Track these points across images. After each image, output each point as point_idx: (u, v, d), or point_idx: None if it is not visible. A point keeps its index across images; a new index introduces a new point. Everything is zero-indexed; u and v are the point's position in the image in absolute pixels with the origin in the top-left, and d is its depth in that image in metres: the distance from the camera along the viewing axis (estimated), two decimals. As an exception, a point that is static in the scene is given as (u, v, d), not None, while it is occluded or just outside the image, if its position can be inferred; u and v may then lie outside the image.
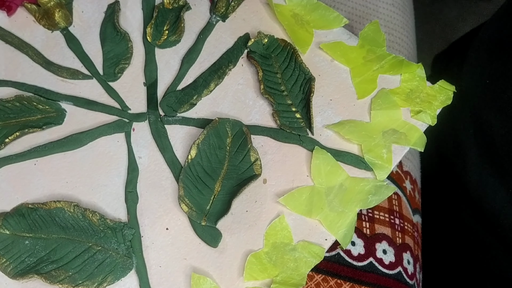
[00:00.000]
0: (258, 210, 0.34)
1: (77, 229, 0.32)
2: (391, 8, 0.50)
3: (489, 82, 0.45)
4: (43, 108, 0.36)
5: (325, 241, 0.34)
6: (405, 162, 0.45)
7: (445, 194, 0.54)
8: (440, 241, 0.57)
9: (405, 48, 0.50)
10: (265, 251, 0.33)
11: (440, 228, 0.56)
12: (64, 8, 0.39)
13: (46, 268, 0.31)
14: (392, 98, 0.39)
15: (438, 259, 0.58)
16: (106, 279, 0.31)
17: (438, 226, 0.55)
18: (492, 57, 0.46)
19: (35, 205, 0.32)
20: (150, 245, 0.33)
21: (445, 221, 0.55)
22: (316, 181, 0.35)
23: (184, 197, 0.34)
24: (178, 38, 0.39)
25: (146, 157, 0.36)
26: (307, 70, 0.39)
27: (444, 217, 0.55)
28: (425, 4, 1.18)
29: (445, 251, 0.57)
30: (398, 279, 0.39)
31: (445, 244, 0.56)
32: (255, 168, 0.35)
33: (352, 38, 0.41)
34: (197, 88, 0.38)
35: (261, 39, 0.39)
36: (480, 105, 0.46)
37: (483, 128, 0.45)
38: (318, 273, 0.37)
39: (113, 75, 0.38)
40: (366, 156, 0.36)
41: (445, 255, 0.57)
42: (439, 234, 0.56)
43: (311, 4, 0.42)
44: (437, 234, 0.55)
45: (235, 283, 0.33)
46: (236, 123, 0.36)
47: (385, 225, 0.40)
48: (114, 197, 0.34)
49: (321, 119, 0.38)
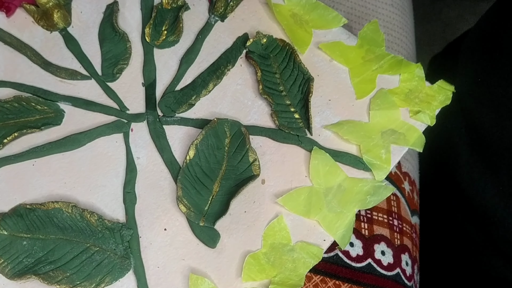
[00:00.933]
0: (256, 211, 0.34)
1: (75, 229, 0.32)
2: (390, 8, 0.50)
3: (481, 81, 0.45)
4: (42, 109, 0.36)
5: (323, 242, 0.34)
6: (404, 163, 0.45)
7: (442, 195, 0.54)
8: (438, 243, 0.57)
9: (404, 48, 0.50)
10: (263, 251, 0.33)
11: (438, 230, 0.56)
12: (63, 9, 0.39)
13: (44, 269, 0.31)
14: (391, 98, 0.39)
15: (436, 260, 0.57)
16: (104, 280, 0.31)
17: (436, 227, 0.55)
18: (483, 55, 0.46)
19: (33, 205, 0.32)
20: (148, 246, 0.33)
21: (443, 222, 0.55)
22: (314, 182, 0.35)
23: (183, 197, 0.34)
24: (177, 38, 0.39)
25: (145, 158, 0.36)
26: (306, 70, 0.39)
27: (441, 218, 0.55)
28: (425, 4, 1.18)
29: (443, 252, 0.57)
30: (397, 280, 0.39)
31: (443, 245, 0.56)
32: (253, 169, 0.35)
33: (351, 38, 0.41)
34: (196, 88, 0.38)
35: (260, 39, 0.39)
36: (471, 104, 0.46)
37: (474, 126, 0.46)
38: (316, 274, 0.37)
39: (111, 76, 0.38)
40: (365, 156, 0.36)
41: (443, 257, 0.57)
42: (437, 236, 0.56)
43: (310, 4, 0.42)
44: (434, 236, 0.55)
45: (233, 284, 0.32)
46: (234, 124, 0.36)
47: (384, 226, 0.40)
48: (112, 197, 0.34)
49: (320, 119, 0.38)
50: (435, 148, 0.52)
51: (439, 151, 0.52)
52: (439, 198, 0.54)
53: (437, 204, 0.55)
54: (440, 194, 0.54)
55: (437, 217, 0.55)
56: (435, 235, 0.55)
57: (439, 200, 0.54)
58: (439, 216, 0.55)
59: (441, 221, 0.55)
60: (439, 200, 0.54)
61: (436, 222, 0.55)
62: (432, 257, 0.56)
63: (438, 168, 0.54)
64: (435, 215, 0.55)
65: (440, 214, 0.55)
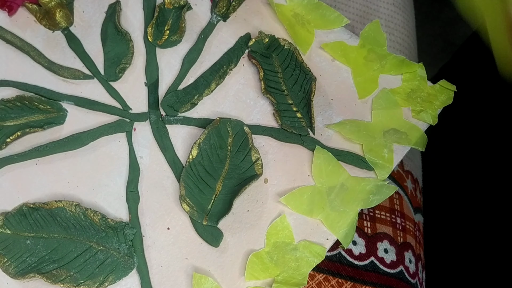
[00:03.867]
0: (259, 210, 0.34)
1: (79, 228, 0.32)
2: (392, 8, 0.50)
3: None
4: (44, 108, 0.36)
5: (326, 241, 0.34)
6: (406, 162, 0.45)
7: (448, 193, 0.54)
8: (445, 240, 0.56)
9: (406, 48, 0.50)
10: (266, 250, 0.33)
11: (444, 227, 0.56)
12: (65, 8, 0.39)
13: (48, 268, 0.31)
14: (393, 97, 0.39)
15: (442, 258, 0.57)
16: (107, 279, 0.31)
17: (442, 225, 0.55)
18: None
19: (36, 204, 0.32)
20: (151, 245, 0.33)
21: (448, 219, 0.55)
22: (317, 181, 0.35)
23: (186, 196, 0.34)
24: (179, 38, 0.39)
25: (147, 157, 0.36)
26: (308, 69, 0.39)
27: (447, 215, 0.55)
28: (425, 4, 1.18)
29: (449, 250, 0.57)
30: (400, 278, 0.39)
31: (449, 243, 0.56)
32: (256, 168, 0.35)
33: (353, 38, 0.41)
34: (198, 88, 0.38)
35: (262, 38, 0.39)
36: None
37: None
38: (319, 273, 0.37)
39: (114, 75, 0.38)
40: (367, 155, 0.36)
41: (449, 254, 0.57)
42: (443, 233, 0.56)
43: (312, 4, 0.42)
44: (440, 233, 0.55)
45: (236, 283, 0.33)
46: (237, 123, 0.36)
47: (386, 224, 0.40)
48: (116, 197, 0.34)
49: (322, 119, 0.38)
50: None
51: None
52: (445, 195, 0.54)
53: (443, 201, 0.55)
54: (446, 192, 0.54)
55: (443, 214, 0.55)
56: (442, 233, 0.55)
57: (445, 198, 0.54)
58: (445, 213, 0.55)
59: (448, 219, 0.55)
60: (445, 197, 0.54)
61: (443, 219, 0.55)
62: (439, 255, 0.56)
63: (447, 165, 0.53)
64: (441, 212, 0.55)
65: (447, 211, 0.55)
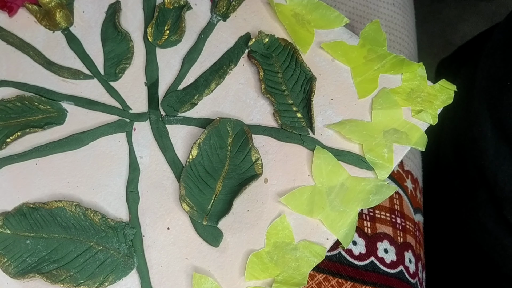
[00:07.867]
0: (259, 210, 0.34)
1: (78, 228, 0.32)
2: (392, 8, 0.50)
3: (510, 84, 0.44)
4: (44, 108, 0.36)
5: (326, 241, 0.34)
6: (406, 162, 0.45)
7: (448, 192, 0.54)
8: (445, 240, 0.57)
9: (406, 48, 0.50)
10: (266, 250, 0.33)
11: (444, 227, 0.56)
12: (65, 9, 0.39)
13: (47, 268, 0.31)
14: (393, 97, 0.39)
15: (442, 258, 0.57)
16: (107, 279, 0.31)
17: (442, 225, 0.55)
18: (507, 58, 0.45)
19: (36, 204, 0.32)
20: (151, 245, 0.33)
21: (448, 219, 0.55)
22: (317, 181, 0.35)
23: (185, 196, 0.34)
24: (179, 38, 0.39)
25: (147, 157, 0.36)
26: (308, 69, 0.39)
27: (447, 215, 0.55)
28: (425, 4, 1.18)
29: (449, 250, 0.57)
30: (400, 278, 0.39)
31: (449, 243, 0.56)
32: (256, 168, 0.35)
33: (353, 38, 0.41)
34: (198, 87, 0.38)
35: (262, 38, 0.39)
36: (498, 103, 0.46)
37: (501, 122, 0.45)
38: (319, 273, 0.37)
39: (114, 75, 0.38)
40: (367, 155, 0.36)
41: (449, 254, 0.57)
42: (443, 233, 0.56)
43: (311, 3, 0.42)
44: (440, 233, 0.55)
45: (236, 283, 0.33)
46: (237, 123, 0.36)
47: (386, 224, 0.40)
48: (115, 196, 0.34)
49: (322, 119, 0.38)
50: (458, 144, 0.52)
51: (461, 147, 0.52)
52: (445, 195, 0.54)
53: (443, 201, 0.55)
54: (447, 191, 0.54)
55: (444, 214, 0.55)
56: (442, 233, 0.55)
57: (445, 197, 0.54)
58: (446, 213, 0.55)
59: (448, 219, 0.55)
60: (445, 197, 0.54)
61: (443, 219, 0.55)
62: (440, 255, 0.56)
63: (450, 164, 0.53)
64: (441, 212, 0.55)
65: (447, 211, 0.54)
